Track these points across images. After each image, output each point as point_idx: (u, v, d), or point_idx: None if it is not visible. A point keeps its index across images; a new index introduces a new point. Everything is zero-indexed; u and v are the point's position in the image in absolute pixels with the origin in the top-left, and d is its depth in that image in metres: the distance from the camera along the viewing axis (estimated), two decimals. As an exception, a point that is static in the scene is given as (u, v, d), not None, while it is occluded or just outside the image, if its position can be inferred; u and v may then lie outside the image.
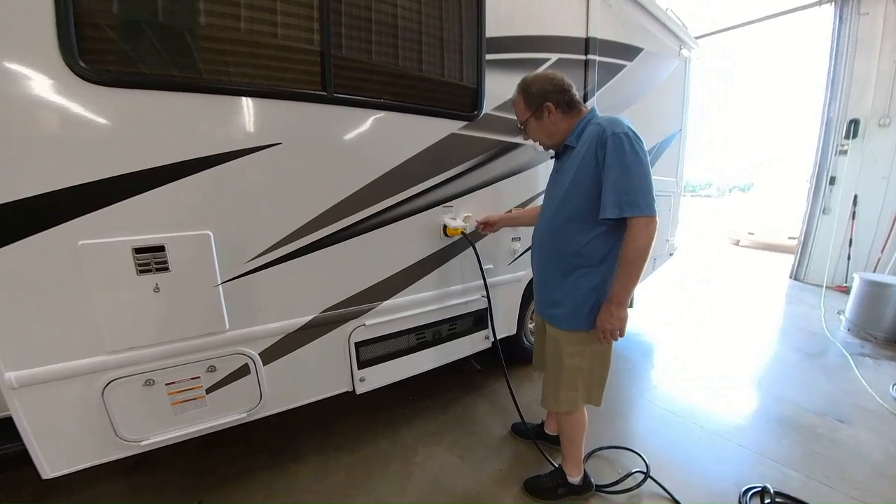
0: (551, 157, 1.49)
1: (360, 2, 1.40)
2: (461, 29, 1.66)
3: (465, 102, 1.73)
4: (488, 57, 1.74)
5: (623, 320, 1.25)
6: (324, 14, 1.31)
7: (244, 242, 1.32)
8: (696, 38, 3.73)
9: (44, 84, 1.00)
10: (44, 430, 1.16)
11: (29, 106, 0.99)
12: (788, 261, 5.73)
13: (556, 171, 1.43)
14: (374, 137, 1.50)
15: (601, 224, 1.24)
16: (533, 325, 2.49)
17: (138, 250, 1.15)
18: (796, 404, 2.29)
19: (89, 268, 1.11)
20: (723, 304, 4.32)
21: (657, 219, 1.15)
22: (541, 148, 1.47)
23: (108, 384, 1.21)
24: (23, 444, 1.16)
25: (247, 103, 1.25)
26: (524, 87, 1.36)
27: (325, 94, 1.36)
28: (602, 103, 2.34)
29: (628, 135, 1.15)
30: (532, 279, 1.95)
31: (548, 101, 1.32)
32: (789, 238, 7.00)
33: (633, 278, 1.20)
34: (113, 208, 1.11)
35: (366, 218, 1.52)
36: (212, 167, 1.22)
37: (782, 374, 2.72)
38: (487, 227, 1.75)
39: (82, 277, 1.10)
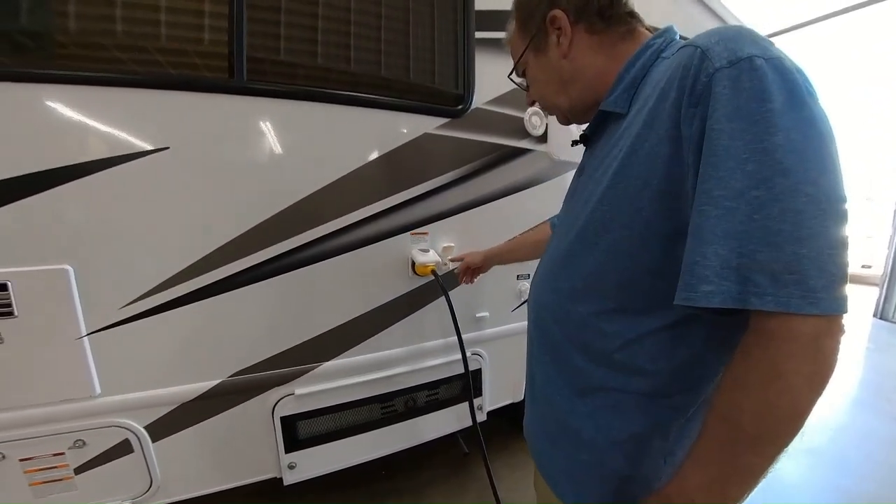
0: (572, 145, 0.74)
1: None
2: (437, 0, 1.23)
3: (445, 94, 1.28)
4: (480, 35, 1.28)
5: None
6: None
7: (119, 281, 0.99)
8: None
9: None
10: None
11: None
12: (867, 294, 4.82)
13: (579, 173, 0.69)
14: (309, 139, 1.12)
15: (671, 309, 0.47)
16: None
17: (-27, 289, 0.88)
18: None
19: None
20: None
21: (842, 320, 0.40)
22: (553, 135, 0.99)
23: (-57, 458, 0.94)
24: None
25: (118, 95, 0.93)
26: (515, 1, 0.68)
27: (233, 81, 1.01)
28: None
29: (780, 67, 0.40)
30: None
31: (555, 9, 0.60)
32: (863, 266, 6.15)
33: (739, 470, 0.43)
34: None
35: (294, 249, 1.12)
36: (70, 181, 0.92)
37: (866, 452, 1.96)
38: (468, 273, 1.24)
39: None
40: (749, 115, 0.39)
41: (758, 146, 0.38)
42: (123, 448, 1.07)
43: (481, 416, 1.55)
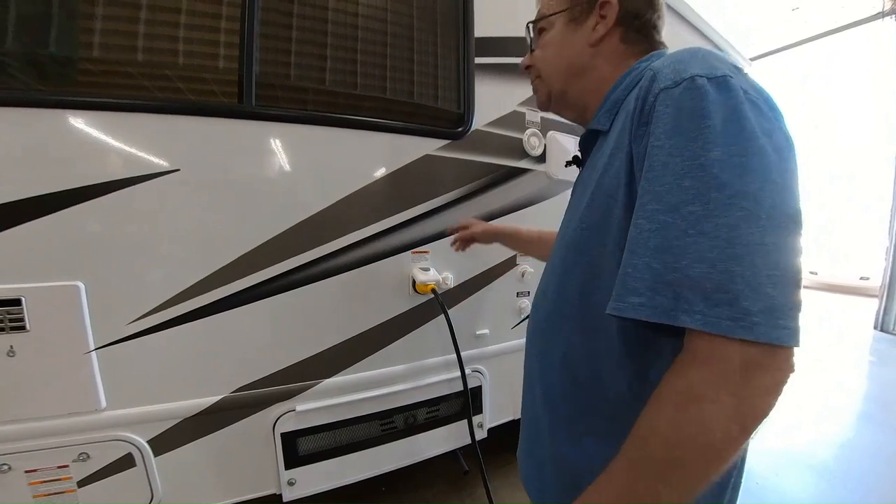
0: (566, 166, 0.74)
1: None
2: (440, 28, 1.28)
3: (445, 116, 1.31)
4: (479, 61, 1.32)
5: None
6: (245, 8, 1.02)
7: (127, 298, 1.02)
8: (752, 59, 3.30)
9: None
10: None
11: None
12: (864, 306, 4.86)
13: (572, 193, 0.69)
14: (314, 162, 1.15)
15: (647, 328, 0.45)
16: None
17: (-11, 303, 0.91)
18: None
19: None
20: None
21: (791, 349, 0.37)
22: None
23: (-50, 468, 0.96)
24: None
25: (132, 120, 0.98)
26: None
27: (242, 106, 1.05)
28: None
29: (724, 85, 0.41)
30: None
31: None
32: (861, 278, 6.08)
33: (642, 496, 0.40)
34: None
35: (298, 268, 1.15)
36: (84, 201, 0.95)
37: (873, 468, 1.90)
38: (464, 238, 1.15)
39: None
40: (687, 132, 0.39)
41: (695, 162, 0.38)
42: (126, 462, 1.08)
43: (482, 434, 1.54)
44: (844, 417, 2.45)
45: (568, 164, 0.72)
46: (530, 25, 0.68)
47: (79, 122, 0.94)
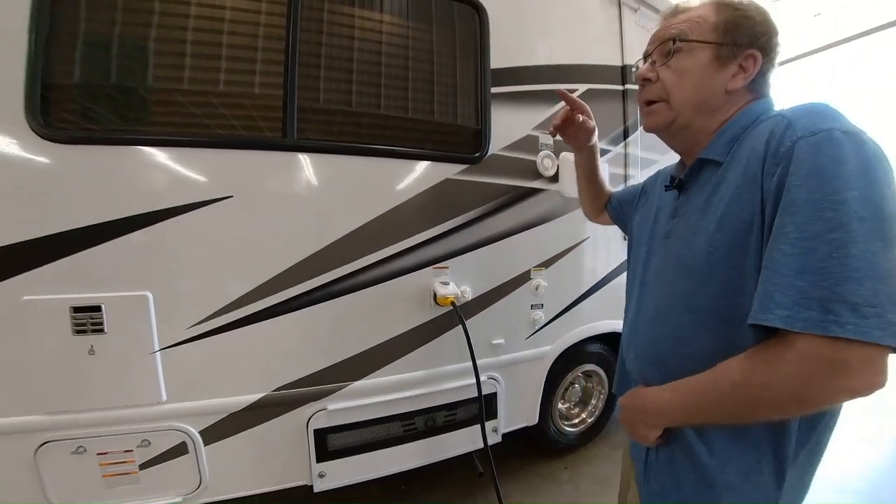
0: (665, 189, 0.76)
1: (326, 40, 1.24)
2: (458, 62, 1.40)
3: (464, 143, 1.43)
4: (495, 90, 1.43)
5: (644, 438, 0.67)
6: (288, 54, 1.17)
7: (187, 306, 1.17)
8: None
9: (4, 142, 0.99)
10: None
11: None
12: None
13: (671, 215, 0.71)
14: (346, 187, 1.29)
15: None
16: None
17: (76, 309, 1.08)
18: None
19: (30, 324, 1.06)
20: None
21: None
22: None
23: (40, 445, 1.13)
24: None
25: (195, 154, 1.14)
26: (734, 7, 0.63)
27: (285, 140, 1.20)
28: (645, 142, 1.84)
29: (857, 139, 0.49)
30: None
31: (754, 50, 0.62)
32: None
33: (716, 407, 0.56)
34: (56, 265, 1.05)
35: (332, 281, 1.28)
36: (155, 223, 1.12)
37: None
38: (569, 121, 0.96)
39: (23, 333, 1.05)
40: (827, 174, 0.46)
41: (836, 198, 0.45)
42: (180, 449, 1.23)
43: (496, 438, 1.63)
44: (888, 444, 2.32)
45: (667, 187, 0.75)
46: (674, 40, 0.64)
47: (151, 156, 1.10)
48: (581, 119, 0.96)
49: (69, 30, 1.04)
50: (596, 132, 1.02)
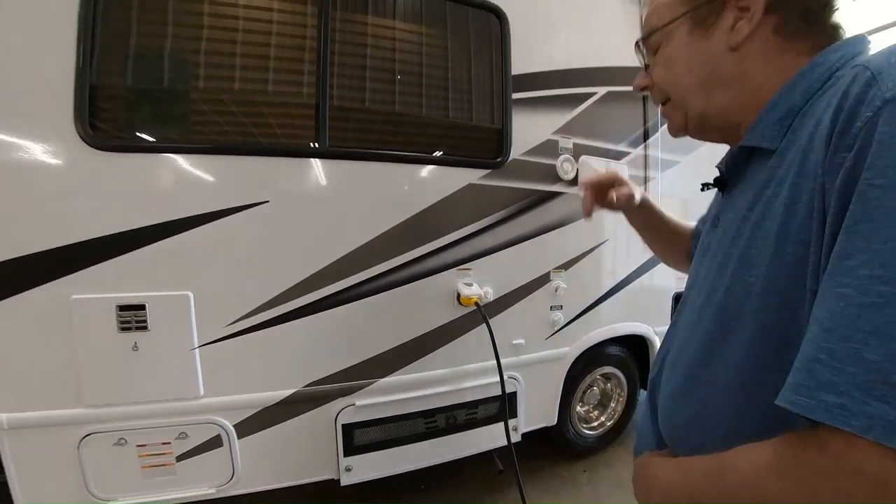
0: (702, 189, 0.60)
1: (357, 50, 1.30)
2: (479, 69, 1.45)
3: (486, 148, 1.47)
4: (516, 96, 1.48)
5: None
6: (320, 65, 1.23)
7: (225, 305, 1.23)
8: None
9: (54, 150, 1.06)
10: (26, 469, 1.16)
11: (37, 170, 1.05)
12: None
13: (713, 223, 0.55)
14: (375, 192, 1.34)
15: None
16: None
17: (122, 308, 1.14)
18: None
19: (78, 322, 1.12)
20: None
21: None
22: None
23: (84, 437, 1.19)
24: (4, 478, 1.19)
25: (233, 161, 1.20)
26: None
27: (318, 147, 1.25)
28: (665, 144, 1.85)
29: None
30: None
31: None
32: None
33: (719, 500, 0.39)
34: (102, 266, 1.12)
35: (361, 282, 1.33)
36: (196, 227, 1.17)
37: None
38: (602, 203, 0.77)
39: (71, 330, 1.11)
40: None
41: None
42: (215, 442, 1.28)
43: (516, 437, 1.66)
44: None
45: (706, 186, 0.58)
46: (640, 44, 0.56)
47: (191, 163, 1.17)
48: (613, 198, 0.75)
49: (116, 41, 1.10)
50: (638, 193, 0.78)
